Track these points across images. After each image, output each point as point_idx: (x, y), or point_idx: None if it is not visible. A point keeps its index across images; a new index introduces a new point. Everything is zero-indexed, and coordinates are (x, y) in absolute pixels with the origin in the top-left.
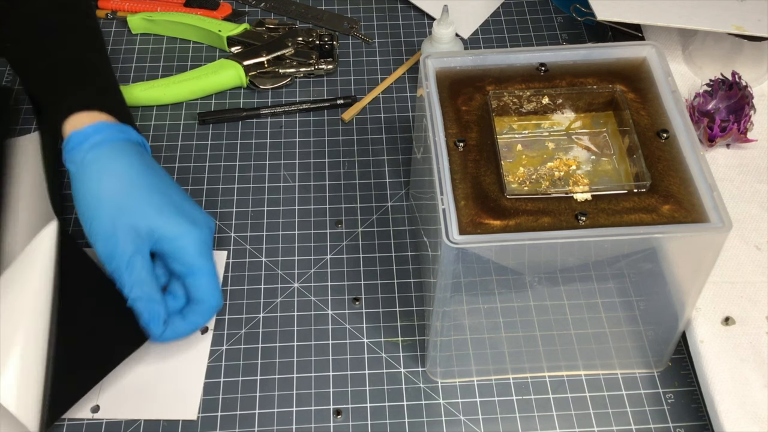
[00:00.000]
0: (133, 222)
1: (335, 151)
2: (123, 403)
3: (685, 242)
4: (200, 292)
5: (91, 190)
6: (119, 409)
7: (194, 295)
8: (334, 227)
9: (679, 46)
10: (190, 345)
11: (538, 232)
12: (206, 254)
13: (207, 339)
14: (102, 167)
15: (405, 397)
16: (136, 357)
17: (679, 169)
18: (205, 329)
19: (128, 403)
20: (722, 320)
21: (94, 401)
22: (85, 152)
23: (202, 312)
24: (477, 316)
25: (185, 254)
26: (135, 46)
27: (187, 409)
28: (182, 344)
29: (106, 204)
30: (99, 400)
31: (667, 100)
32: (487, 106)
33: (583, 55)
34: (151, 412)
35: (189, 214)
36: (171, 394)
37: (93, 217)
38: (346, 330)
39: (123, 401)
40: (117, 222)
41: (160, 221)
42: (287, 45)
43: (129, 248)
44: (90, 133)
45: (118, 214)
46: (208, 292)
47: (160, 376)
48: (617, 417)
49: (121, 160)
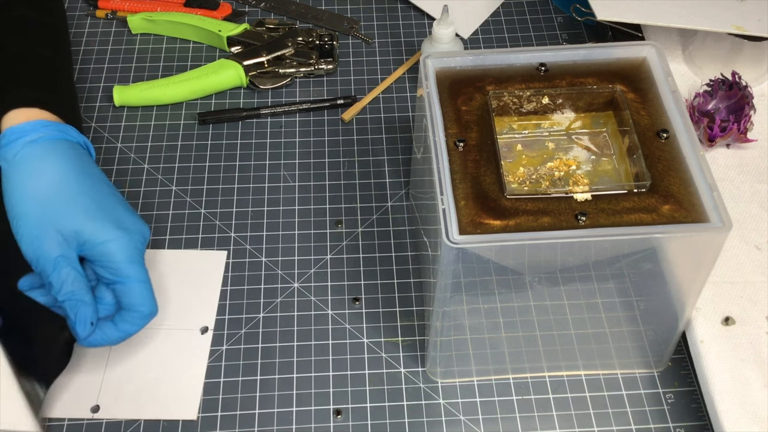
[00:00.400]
0: (59, 223)
1: (335, 151)
2: (123, 403)
3: (685, 242)
4: (131, 300)
5: (19, 189)
6: (119, 409)
7: (125, 303)
8: (334, 227)
9: (679, 46)
10: (190, 345)
11: (538, 232)
12: (137, 261)
13: (207, 339)
14: (33, 166)
15: (405, 397)
16: (136, 357)
17: (679, 169)
18: (205, 329)
19: (128, 403)
20: (722, 320)
21: (94, 401)
22: (18, 149)
23: (133, 320)
24: (477, 316)
25: (113, 261)
26: (135, 46)
27: (188, 409)
28: (182, 344)
29: (33, 203)
30: (99, 400)
31: (667, 100)
32: (487, 106)
33: (583, 55)
34: (151, 412)
35: (119, 219)
36: (171, 394)
37: (19, 215)
38: (346, 330)
39: (123, 401)
40: (43, 222)
41: (87, 225)
42: (287, 45)
43: (55, 250)
44: (25, 130)
45: (45, 213)
46: (140, 300)
47: (160, 376)
48: (617, 417)
49: (54, 159)
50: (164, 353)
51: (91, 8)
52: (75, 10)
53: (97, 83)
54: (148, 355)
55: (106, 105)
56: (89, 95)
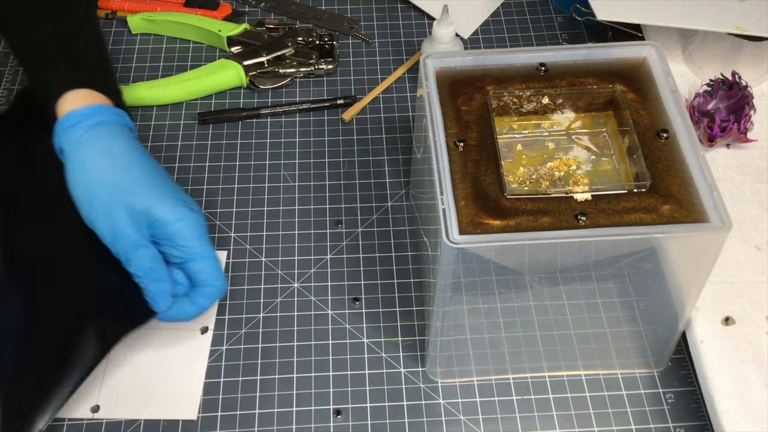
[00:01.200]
0: (131, 204)
1: (335, 151)
2: (123, 402)
3: (685, 242)
4: (204, 276)
5: (89, 170)
6: (119, 409)
7: (199, 280)
8: (334, 227)
9: (679, 46)
10: (190, 345)
11: (538, 232)
12: (205, 238)
13: (207, 339)
14: (100, 147)
15: (405, 397)
16: (136, 358)
17: (679, 169)
18: (205, 329)
19: (128, 403)
20: (722, 320)
21: (94, 401)
22: (82, 132)
23: (209, 294)
24: (477, 316)
25: (185, 239)
26: (135, 46)
27: (187, 409)
28: (182, 344)
29: (103, 186)
30: (99, 399)
31: (667, 100)
32: (487, 106)
33: (583, 55)
34: (151, 412)
35: (184, 199)
36: (171, 394)
37: (92, 197)
38: (346, 330)
39: (123, 401)
40: (116, 203)
41: (158, 205)
42: (287, 45)
43: (131, 229)
44: (89, 114)
45: (116, 195)
46: (213, 275)
47: (160, 376)
48: (617, 417)
49: (118, 143)
50: (164, 353)
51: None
52: None
53: None
54: (148, 355)
55: None
56: None
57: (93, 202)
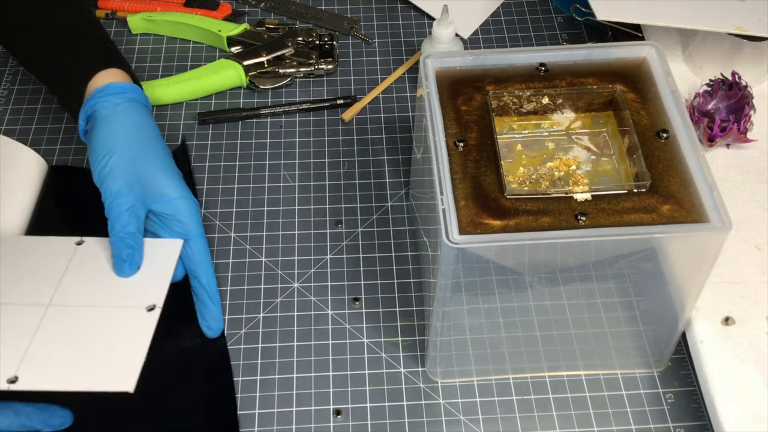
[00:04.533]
0: (145, 169)
1: (335, 151)
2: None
3: (685, 242)
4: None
5: (120, 130)
6: (41, 380)
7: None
8: (334, 227)
9: (679, 46)
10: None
11: (538, 232)
12: (199, 221)
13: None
14: (133, 119)
15: (405, 397)
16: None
17: (679, 169)
18: (152, 307)
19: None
20: (722, 320)
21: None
22: (120, 101)
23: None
24: (477, 316)
25: (183, 216)
26: (135, 46)
27: (124, 379)
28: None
29: (128, 146)
30: (18, 370)
31: (667, 100)
32: (487, 106)
33: (583, 55)
34: (81, 382)
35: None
36: (106, 365)
37: (113, 150)
38: (346, 330)
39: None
40: (134, 163)
41: (166, 179)
42: (287, 45)
43: (134, 193)
44: (128, 89)
45: (136, 157)
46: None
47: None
48: (617, 417)
49: (149, 121)
50: (104, 327)
51: (91, 8)
52: None
53: None
54: (85, 329)
55: None
56: None
57: (113, 155)
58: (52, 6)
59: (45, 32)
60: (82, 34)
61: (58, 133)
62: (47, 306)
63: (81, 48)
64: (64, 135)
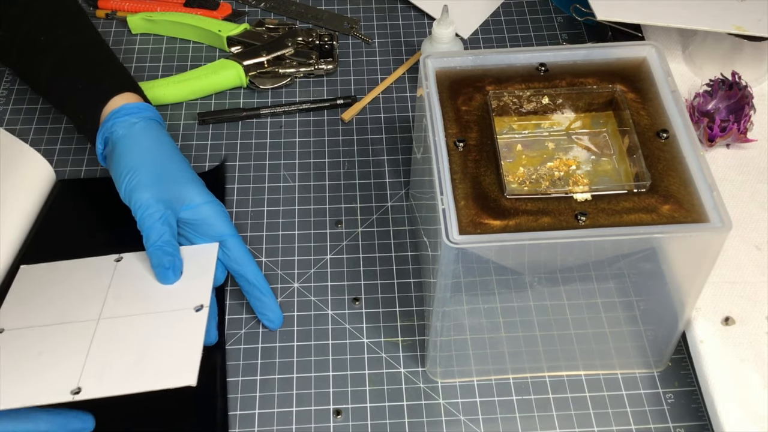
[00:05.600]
0: (171, 181)
1: (335, 151)
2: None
3: (685, 242)
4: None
5: (139, 148)
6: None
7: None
8: (334, 227)
9: (679, 46)
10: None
11: (538, 232)
12: (229, 221)
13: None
14: (150, 135)
15: (405, 397)
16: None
17: (679, 169)
18: (199, 307)
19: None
20: (722, 320)
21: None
22: (136, 120)
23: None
24: (477, 316)
25: (212, 219)
26: (135, 46)
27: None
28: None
29: (151, 162)
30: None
31: (667, 100)
32: (487, 106)
33: (583, 55)
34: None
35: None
36: (165, 364)
37: (141, 166)
38: (346, 330)
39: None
40: (160, 177)
41: (192, 188)
42: (287, 45)
43: (163, 203)
44: (143, 108)
45: (160, 173)
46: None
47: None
48: (617, 417)
49: (166, 137)
50: (156, 331)
51: (91, 8)
52: None
53: None
54: (139, 335)
55: None
56: None
57: (137, 172)
58: (59, 30)
59: (55, 57)
60: (93, 59)
61: (58, 133)
62: (98, 320)
63: (93, 73)
64: (65, 135)
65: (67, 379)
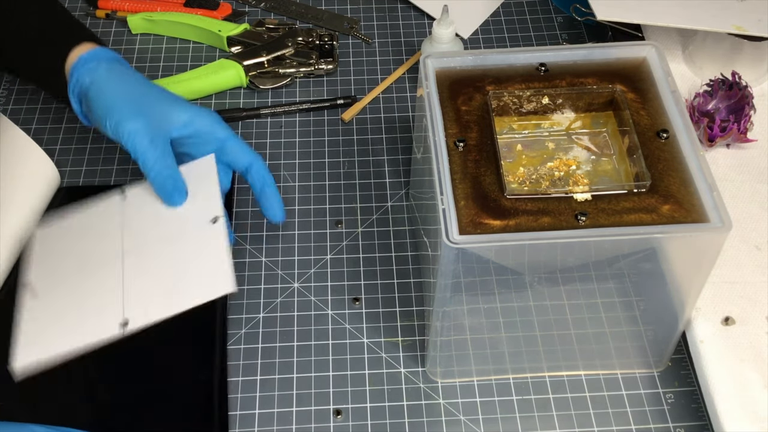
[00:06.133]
0: (152, 109)
1: (335, 151)
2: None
3: (685, 242)
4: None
5: (110, 89)
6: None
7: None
8: (334, 227)
9: (679, 46)
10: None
11: (538, 232)
12: (224, 125)
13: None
14: (116, 74)
15: (405, 397)
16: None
17: (679, 169)
18: (215, 219)
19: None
20: (722, 320)
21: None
22: (97, 64)
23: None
24: (477, 316)
25: (210, 129)
26: (135, 46)
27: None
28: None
29: (125, 97)
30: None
31: (667, 100)
32: (487, 106)
33: (583, 55)
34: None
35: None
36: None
37: (114, 107)
38: (346, 330)
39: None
40: (140, 109)
41: (177, 109)
42: (287, 45)
43: (150, 128)
44: (101, 52)
45: (140, 104)
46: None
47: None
48: (617, 417)
49: (129, 71)
50: (182, 252)
51: (91, 8)
52: (75, 10)
53: None
54: (165, 259)
55: None
56: None
57: (114, 110)
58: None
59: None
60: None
61: (58, 133)
62: (122, 255)
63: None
64: (65, 135)
65: (112, 315)
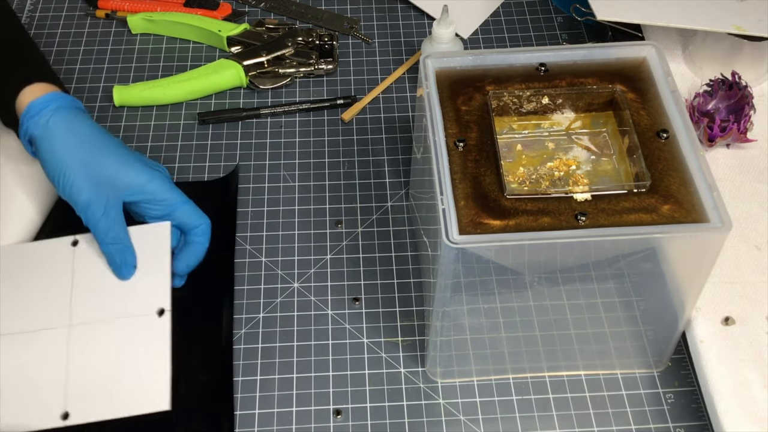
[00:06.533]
0: (103, 172)
1: (335, 151)
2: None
3: (685, 242)
4: (189, 220)
5: (61, 148)
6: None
7: (187, 224)
8: (334, 227)
9: (679, 46)
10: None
11: (537, 232)
12: (176, 189)
13: (166, 321)
14: (67, 128)
15: (405, 397)
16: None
17: (679, 169)
18: (161, 311)
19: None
20: (722, 320)
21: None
22: (48, 116)
23: (205, 231)
24: (477, 316)
25: (160, 194)
26: (135, 46)
27: (157, 399)
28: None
29: (75, 157)
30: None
31: (667, 100)
32: (487, 106)
33: (583, 55)
34: (122, 409)
35: (149, 163)
36: (137, 387)
37: (65, 170)
38: (346, 330)
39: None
40: (88, 172)
41: (128, 170)
42: (287, 45)
43: (103, 197)
44: (51, 100)
45: (89, 166)
46: (197, 216)
47: (124, 368)
48: (617, 417)
49: (80, 123)
50: (126, 341)
51: (91, 8)
52: (75, 10)
53: (97, 83)
54: (109, 348)
55: (106, 105)
56: (89, 95)
57: (67, 174)
58: None
59: None
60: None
61: None
62: (69, 327)
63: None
64: None
65: (54, 399)
